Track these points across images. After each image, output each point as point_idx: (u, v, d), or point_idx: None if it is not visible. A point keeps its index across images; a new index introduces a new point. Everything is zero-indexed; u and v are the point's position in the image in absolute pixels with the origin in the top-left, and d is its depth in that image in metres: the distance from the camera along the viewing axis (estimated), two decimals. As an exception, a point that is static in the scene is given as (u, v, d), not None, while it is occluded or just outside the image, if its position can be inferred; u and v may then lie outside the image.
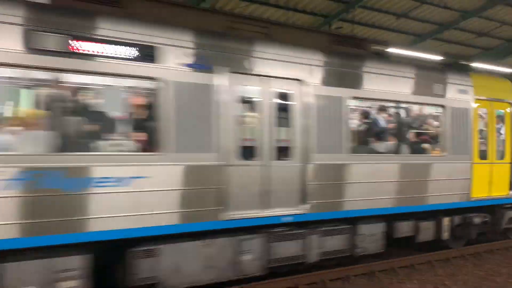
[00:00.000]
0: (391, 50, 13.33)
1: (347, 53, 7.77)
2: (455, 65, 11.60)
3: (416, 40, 18.52)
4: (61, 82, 5.26)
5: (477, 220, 9.32)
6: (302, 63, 7.00)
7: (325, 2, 15.14)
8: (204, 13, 7.38)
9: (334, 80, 7.31)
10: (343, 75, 7.46)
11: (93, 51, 5.24)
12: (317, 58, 7.19)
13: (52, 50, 4.99)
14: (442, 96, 8.70)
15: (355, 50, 7.98)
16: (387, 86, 7.98)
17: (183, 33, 5.98)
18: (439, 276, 8.03)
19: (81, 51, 5.16)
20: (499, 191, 9.60)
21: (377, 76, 7.84)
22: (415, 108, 9.07)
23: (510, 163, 9.86)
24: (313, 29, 13.36)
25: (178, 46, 5.85)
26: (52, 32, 4.99)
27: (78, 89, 5.62)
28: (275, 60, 6.74)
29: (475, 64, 14.21)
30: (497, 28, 17.99)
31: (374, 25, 17.05)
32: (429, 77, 8.69)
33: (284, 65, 6.81)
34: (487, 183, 9.36)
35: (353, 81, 7.61)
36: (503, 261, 9.14)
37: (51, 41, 4.99)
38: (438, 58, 13.86)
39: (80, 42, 5.14)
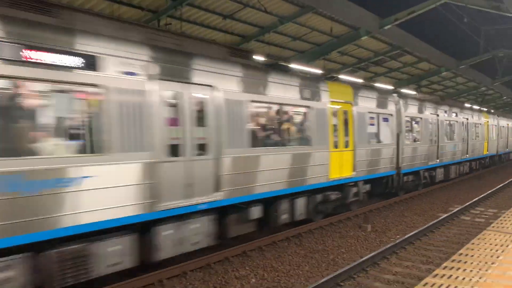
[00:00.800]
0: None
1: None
2: (277, 66, 12.68)
3: (242, 40, 19.51)
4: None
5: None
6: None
7: (152, -3, 14.78)
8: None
9: None
10: None
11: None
12: None
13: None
14: None
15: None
16: None
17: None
18: (267, 260, 8.67)
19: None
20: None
21: None
22: None
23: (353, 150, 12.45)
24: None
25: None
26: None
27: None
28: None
29: (291, 65, 15.76)
30: (308, 33, 20.14)
31: (203, 24, 17.35)
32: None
33: None
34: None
35: None
36: (319, 239, 10.35)
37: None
38: (261, 58, 14.95)
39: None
